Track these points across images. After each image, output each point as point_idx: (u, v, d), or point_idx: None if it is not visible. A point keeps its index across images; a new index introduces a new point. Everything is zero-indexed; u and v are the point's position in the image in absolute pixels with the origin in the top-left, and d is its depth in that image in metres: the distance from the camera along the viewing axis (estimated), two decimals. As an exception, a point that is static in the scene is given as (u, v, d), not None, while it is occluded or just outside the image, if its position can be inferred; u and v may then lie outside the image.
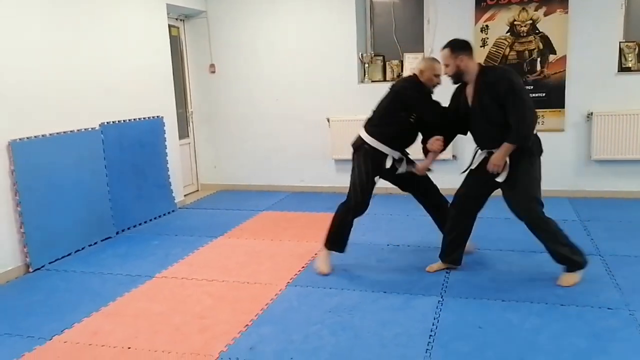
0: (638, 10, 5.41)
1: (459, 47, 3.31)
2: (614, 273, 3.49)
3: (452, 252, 3.63)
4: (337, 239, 3.71)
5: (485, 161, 3.33)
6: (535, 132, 3.28)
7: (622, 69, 5.34)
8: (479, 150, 3.47)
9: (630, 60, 5.33)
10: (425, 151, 3.64)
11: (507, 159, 3.24)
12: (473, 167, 3.49)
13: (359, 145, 3.64)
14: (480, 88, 3.27)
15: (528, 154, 3.26)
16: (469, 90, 3.36)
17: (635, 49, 5.32)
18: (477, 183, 3.45)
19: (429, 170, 3.71)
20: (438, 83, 3.62)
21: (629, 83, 5.31)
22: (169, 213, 5.63)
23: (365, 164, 3.58)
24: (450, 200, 3.65)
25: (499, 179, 3.30)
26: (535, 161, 3.33)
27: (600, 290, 3.24)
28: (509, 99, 3.15)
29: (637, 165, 5.38)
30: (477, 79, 3.29)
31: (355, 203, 3.65)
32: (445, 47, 3.35)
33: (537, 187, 3.34)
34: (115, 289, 3.60)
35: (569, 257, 3.30)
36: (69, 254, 4.35)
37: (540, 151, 3.36)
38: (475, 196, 3.49)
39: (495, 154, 3.25)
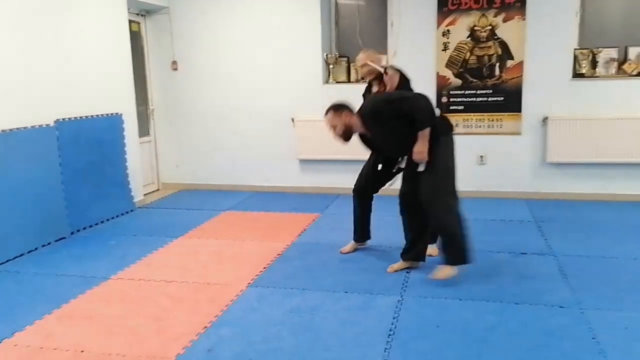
0: (592, 18, 5.60)
1: (339, 107, 3.53)
2: (567, 272, 3.60)
3: (411, 250, 3.69)
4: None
5: (410, 159, 3.44)
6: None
7: (577, 75, 5.52)
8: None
9: (584, 67, 5.51)
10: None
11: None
12: (402, 166, 3.62)
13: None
14: (368, 124, 3.45)
15: (436, 138, 3.37)
16: (362, 131, 3.56)
17: (589, 55, 5.50)
18: (414, 179, 3.52)
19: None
20: (364, 74, 3.93)
21: (582, 89, 5.49)
22: (127, 212, 5.51)
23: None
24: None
25: (420, 169, 3.41)
26: (447, 140, 3.46)
27: (553, 289, 3.33)
28: (395, 106, 3.34)
29: (590, 168, 5.57)
30: (364, 124, 3.46)
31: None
32: (326, 112, 3.55)
33: (452, 178, 3.49)
34: (69, 291, 3.49)
35: (457, 253, 3.39)
36: (21, 255, 4.21)
37: (448, 128, 3.51)
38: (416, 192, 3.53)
39: (416, 144, 3.34)
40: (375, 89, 3.89)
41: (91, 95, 5.11)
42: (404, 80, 3.78)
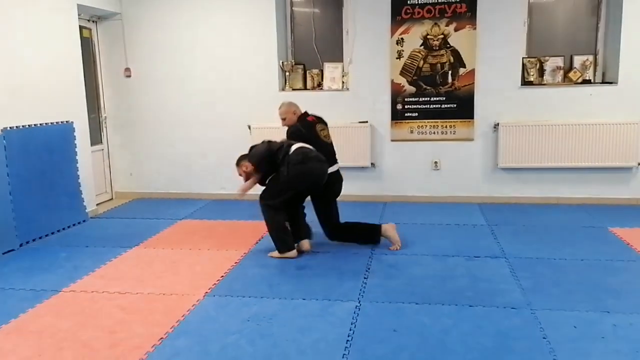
0: (539, 28, 5.82)
1: (240, 159, 4.33)
2: (518, 274, 3.71)
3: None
4: None
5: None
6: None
7: (525, 82, 5.72)
8: None
9: (532, 75, 5.72)
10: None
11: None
12: None
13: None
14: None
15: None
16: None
17: (536, 64, 5.72)
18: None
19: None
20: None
21: (531, 96, 5.69)
22: (79, 223, 5.35)
23: None
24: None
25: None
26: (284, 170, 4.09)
27: (506, 291, 3.43)
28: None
29: (539, 173, 5.77)
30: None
31: None
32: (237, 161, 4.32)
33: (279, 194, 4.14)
34: (17, 305, 3.36)
35: (275, 242, 4.16)
36: (-34, 269, 4.04)
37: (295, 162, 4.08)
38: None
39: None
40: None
41: (41, 103, 4.95)
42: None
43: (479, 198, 5.91)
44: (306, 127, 4.38)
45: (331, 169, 4.27)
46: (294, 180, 4.03)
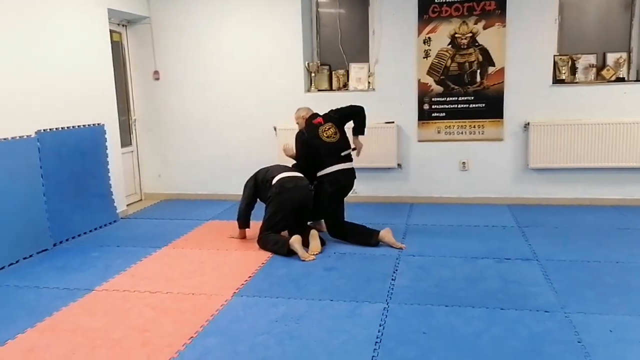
0: (571, 25, 5.70)
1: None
2: (551, 277, 3.63)
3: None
4: None
5: None
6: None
7: (557, 81, 5.61)
8: None
9: (564, 73, 5.60)
10: None
11: None
12: None
13: None
14: None
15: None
16: None
17: (568, 62, 5.60)
18: None
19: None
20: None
21: (562, 94, 5.57)
22: (110, 223, 5.45)
23: None
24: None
25: None
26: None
27: (538, 294, 3.36)
28: None
29: (571, 173, 5.65)
30: None
31: None
32: None
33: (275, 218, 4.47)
34: (51, 304, 3.44)
35: (276, 252, 4.30)
36: (2, 268, 4.13)
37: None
38: None
39: None
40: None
41: (73, 105, 5.06)
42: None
43: (509, 199, 5.82)
44: (309, 130, 4.62)
45: (339, 167, 4.48)
46: (277, 209, 4.39)
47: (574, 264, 3.88)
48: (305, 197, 4.45)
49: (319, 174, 4.54)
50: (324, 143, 4.53)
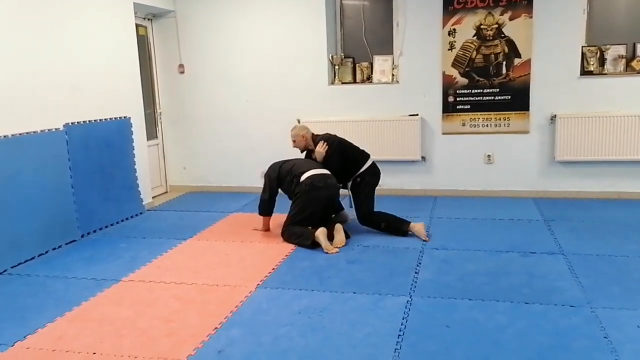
0: (599, 15, 5.57)
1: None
2: (577, 272, 3.58)
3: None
4: None
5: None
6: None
7: (585, 72, 5.49)
8: None
9: (592, 64, 5.48)
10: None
11: None
12: None
13: None
14: None
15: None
16: None
17: (596, 53, 5.47)
18: None
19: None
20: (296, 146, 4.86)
21: (590, 86, 5.46)
22: (136, 215, 5.54)
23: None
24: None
25: None
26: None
27: (564, 289, 3.32)
28: None
29: (598, 166, 5.54)
30: None
31: None
32: None
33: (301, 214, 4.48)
34: (80, 293, 3.52)
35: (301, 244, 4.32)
36: (32, 258, 4.24)
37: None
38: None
39: None
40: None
41: (99, 99, 5.14)
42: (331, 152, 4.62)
43: (535, 192, 5.74)
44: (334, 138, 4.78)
45: (370, 162, 4.68)
46: (306, 206, 4.40)
47: (601, 259, 3.81)
48: (334, 196, 4.59)
49: (360, 171, 4.62)
50: (352, 145, 4.75)
